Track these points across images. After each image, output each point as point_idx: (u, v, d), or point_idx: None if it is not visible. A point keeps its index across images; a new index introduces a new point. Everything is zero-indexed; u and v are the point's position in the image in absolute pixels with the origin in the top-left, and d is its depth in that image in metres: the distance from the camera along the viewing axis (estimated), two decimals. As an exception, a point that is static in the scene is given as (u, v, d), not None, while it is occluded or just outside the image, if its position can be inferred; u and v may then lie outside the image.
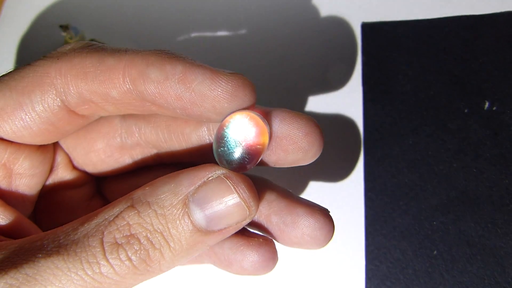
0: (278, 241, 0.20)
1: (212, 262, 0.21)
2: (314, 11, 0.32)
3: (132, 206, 0.16)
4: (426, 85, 0.28)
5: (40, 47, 0.36)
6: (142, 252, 0.16)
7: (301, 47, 0.31)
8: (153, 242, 0.16)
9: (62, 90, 0.18)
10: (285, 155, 0.18)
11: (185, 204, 0.16)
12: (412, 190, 0.26)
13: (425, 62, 0.28)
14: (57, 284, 0.15)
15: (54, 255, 0.15)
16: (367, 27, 0.30)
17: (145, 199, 0.16)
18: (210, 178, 0.16)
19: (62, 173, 0.22)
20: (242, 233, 0.20)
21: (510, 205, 0.25)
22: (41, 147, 0.20)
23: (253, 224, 0.20)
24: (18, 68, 0.18)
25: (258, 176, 0.21)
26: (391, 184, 0.27)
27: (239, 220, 0.17)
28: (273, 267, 0.20)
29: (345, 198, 0.27)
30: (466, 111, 0.27)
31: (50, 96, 0.18)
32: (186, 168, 0.22)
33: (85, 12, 0.36)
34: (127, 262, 0.16)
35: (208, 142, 0.20)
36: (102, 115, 0.20)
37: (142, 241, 0.16)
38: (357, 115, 0.28)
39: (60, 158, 0.21)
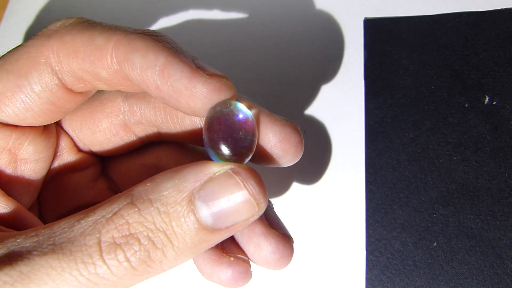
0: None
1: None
2: (317, 6, 0.32)
3: (132, 203, 0.15)
4: (427, 80, 0.28)
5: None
6: (142, 253, 0.15)
7: (305, 41, 0.31)
8: (155, 242, 0.15)
9: (57, 68, 0.18)
10: (259, 157, 0.18)
11: (191, 200, 0.15)
12: (412, 183, 0.27)
13: (426, 57, 0.29)
14: (50, 284, 0.15)
15: (49, 254, 0.15)
16: (369, 23, 0.30)
17: (146, 196, 0.15)
18: (217, 174, 0.16)
19: (67, 157, 0.22)
20: (217, 246, 0.19)
21: (509, 198, 0.25)
22: (44, 132, 0.20)
23: None
24: (11, 51, 0.18)
25: None
26: (392, 177, 0.27)
27: (247, 217, 0.16)
28: (249, 280, 0.19)
29: (346, 190, 0.28)
30: (466, 105, 0.27)
31: (47, 75, 0.18)
32: (187, 146, 0.22)
33: (90, 6, 0.36)
34: (125, 263, 0.15)
35: (199, 127, 0.20)
36: (99, 89, 0.20)
37: (142, 241, 0.15)
38: (359, 109, 0.29)
39: (64, 143, 0.22)
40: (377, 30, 0.30)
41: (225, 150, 0.16)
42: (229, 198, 0.15)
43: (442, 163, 0.27)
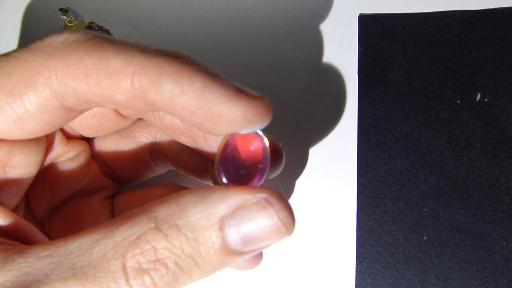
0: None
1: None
2: (313, 1, 0.32)
3: (157, 228, 0.15)
4: (420, 76, 0.29)
5: (39, 30, 0.36)
6: (169, 277, 0.15)
7: (299, 36, 0.31)
8: (182, 266, 0.15)
9: (59, 91, 0.16)
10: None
11: (221, 228, 0.15)
12: (404, 177, 0.27)
13: (420, 53, 0.29)
14: None
15: (71, 279, 0.14)
16: (364, 19, 0.31)
17: (172, 221, 0.15)
18: (249, 202, 0.15)
19: (57, 149, 0.21)
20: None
21: (499, 193, 0.26)
22: (34, 139, 0.19)
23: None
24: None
25: None
26: (383, 171, 0.27)
27: (275, 242, 0.16)
28: (258, 264, 0.20)
29: (338, 183, 0.28)
30: (458, 102, 0.28)
31: (45, 97, 0.16)
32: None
33: (86, -4, 0.36)
34: (152, 287, 0.15)
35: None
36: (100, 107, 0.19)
37: (170, 266, 0.15)
38: (352, 103, 0.29)
39: (53, 136, 0.21)
40: (372, 26, 0.30)
41: (235, 175, 0.16)
42: (260, 225, 0.15)
43: (434, 158, 0.27)
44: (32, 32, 0.36)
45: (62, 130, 0.21)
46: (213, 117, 0.15)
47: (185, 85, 0.15)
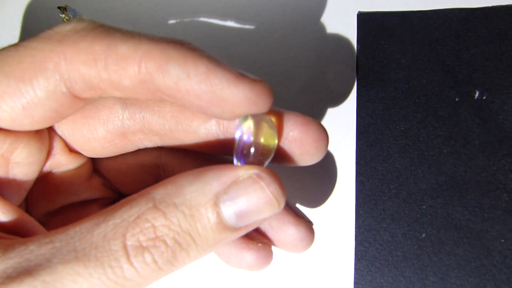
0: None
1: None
2: (312, 0, 0.32)
3: (155, 207, 0.16)
4: (419, 74, 0.29)
5: (38, 29, 0.36)
6: (169, 253, 0.15)
7: (298, 33, 0.31)
8: (181, 243, 0.16)
9: (67, 76, 0.16)
10: (293, 157, 0.19)
11: (216, 203, 0.16)
12: (402, 175, 0.27)
13: (418, 51, 0.29)
14: None
15: (73, 261, 0.15)
16: (363, 16, 0.31)
17: (170, 200, 0.16)
18: (241, 178, 0.16)
19: (59, 158, 0.21)
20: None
21: (497, 190, 0.26)
22: (37, 135, 0.19)
23: None
24: (6, 50, 0.17)
25: None
26: (382, 168, 0.27)
27: (268, 216, 0.17)
28: (268, 265, 0.21)
29: (336, 181, 0.28)
30: (457, 99, 0.28)
31: (55, 82, 0.17)
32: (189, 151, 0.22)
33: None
34: (153, 265, 0.15)
35: (215, 134, 0.20)
36: (105, 96, 0.19)
37: (169, 242, 0.15)
38: (350, 101, 0.29)
39: (56, 143, 0.21)
40: (370, 24, 0.30)
41: (246, 156, 0.17)
42: (252, 199, 0.16)
43: (432, 155, 0.27)
44: (31, 31, 0.36)
45: (65, 142, 0.21)
46: (218, 100, 0.16)
47: (191, 70, 0.16)
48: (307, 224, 0.21)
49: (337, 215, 0.27)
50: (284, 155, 0.19)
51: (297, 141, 0.18)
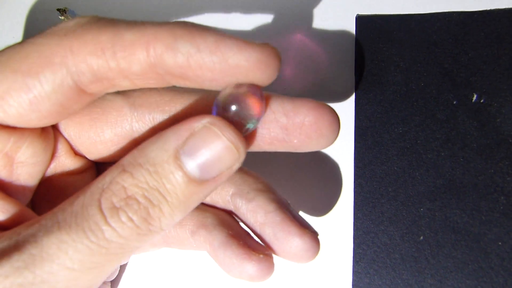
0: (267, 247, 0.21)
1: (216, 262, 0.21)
2: (310, 1, 0.32)
3: (124, 170, 0.16)
4: (417, 77, 0.29)
5: (38, 31, 0.36)
6: (142, 210, 0.16)
7: (296, 36, 0.31)
8: (151, 199, 0.16)
9: (74, 69, 0.17)
10: (309, 141, 0.19)
11: (176, 157, 0.16)
12: (400, 177, 0.27)
13: (416, 54, 0.29)
14: (63, 257, 0.15)
15: (56, 231, 0.15)
16: (361, 19, 0.31)
17: (135, 161, 0.16)
18: (196, 129, 0.16)
19: (63, 160, 0.21)
20: (246, 242, 0.21)
21: (495, 193, 0.26)
22: (42, 134, 0.20)
23: (248, 225, 0.21)
24: (13, 48, 0.17)
25: (262, 179, 0.22)
26: (380, 171, 0.27)
27: (230, 164, 0.17)
28: (269, 277, 0.21)
29: (335, 183, 0.28)
30: (455, 102, 0.28)
31: (62, 76, 0.17)
32: None
33: (84, -3, 0.36)
34: (129, 223, 0.16)
35: None
36: (111, 91, 0.19)
37: (140, 200, 0.16)
38: (349, 103, 0.29)
39: (61, 146, 0.21)
40: (369, 27, 0.30)
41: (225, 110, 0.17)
42: (210, 148, 0.16)
43: (430, 158, 0.27)
44: (30, 33, 0.36)
45: (70, 145, 0.22)
46: (230, 68, 0.16)
47: (200, 43, 0.16)
48: (312, 234, 0.21)
49: (336, 217, 0.27)
50: (301, 140, 0.19)
51: (313, 125, 0.19)
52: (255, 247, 0.21)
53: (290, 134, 0.19)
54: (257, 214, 0.21)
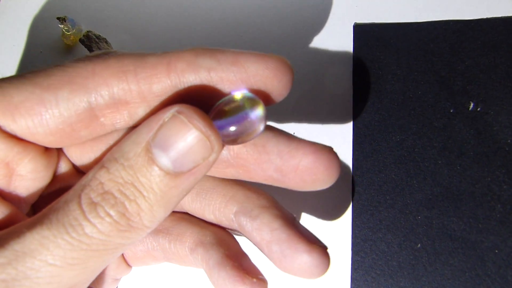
0: (275, 265, 0.21)
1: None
2: (308, 11, 0.32)
3: (102, 166, 0.16)
4: (414, 85, 0.29)
5: (38, 39, 0.36)
6: (118, 205, 0.16)
7: (295, 44, 0.32)
8: (127, 194, 0.16)
9: (93, 90, 0.17)
10: (303, 184, 0.19)
11: (148, 149, 0.16)
12: (398, 185, 0.27)
13: (413, 63, 0.29)
14: (45, 253, 0.15)
15: (38, 226, 0.16)
16: (359, 28, 0.31)
17: (112, 156, 0.16)
18: (166, 119, 0.16)
19: (66, 179, 0.21)
20: (241, 264, 0.20)
21: (491, 201, 0.26)
22: (46, 152, 0.20)
23: (255, 243, 0.21)
24: (41, 68, 0.18)
25: (266, 195, 0.22)
26: (378, 179, 0.28)
27: (204, 155, 0.16)
28: None
29: (333, 191, 0.28)
30: (451, 111, 0.28)
31: (79, 95, 0.17)
32: None
33: (82, 5, 0.37)
34: (107, 218, 0.16)
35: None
36: (121, 126, 0.19)
37: (116, 195, 0.16)
38: (347, 112, 0.29)
39: (64, 165, 0.21)
40: (366, 36, 0.31)
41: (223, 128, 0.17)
42: (180, 138, 0.16)
43: (427, 166, 0.27)
44: (31, 40, 0.36)
45: (72, 164, 0.22)
46: (250, 77, 0.17)
47: (220, 58, 0.17)
48: (321, 249, 0.20)
49: (334, 225, 0.27)
50: (295, 183, 0.19)
51: (308, 169, 0.18)
52: (250, 270, 0.20)
53: (285, 175, 0.19)
54: (263, 232, 0.20)
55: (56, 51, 0.36)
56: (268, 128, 0.19)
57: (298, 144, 0.19)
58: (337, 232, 0.27)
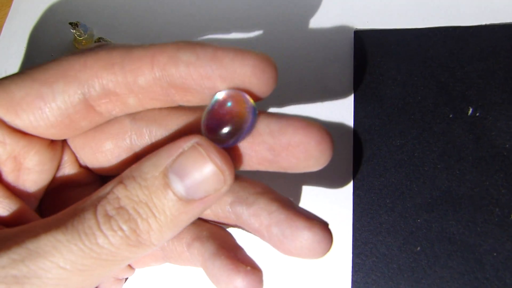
0: (277, 250, 0.20)
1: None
2: (308, 17, 0.33)
3: (121, 182, 0.17)
4: (414, 91, 0.29)
5: (49, 44, 0.37)
6: (131, 222, 0.16)
7: (295, 51, 0.32)
8: (140, 213, 0.17)
9: (85, 82, 0.18)
10: (297, 162, 0.19)
11: (165, 174, 0.17)
12: (398, 189, 0.28)
13: (413, 68, 0.30)
14: (57, 256, 0.16)
15: (54, 229, 0.16)
16: (359, 34, 0.31)
17: (131, 174, 0.17)
18: (185, 148, 0.17)
19: (69, 172, 0.22)
20: (236, 254, 0.20)
21: (490, 205, 0.26)
22: (51, 144, 0.20)
23: (254, 231, 0.21)
24: (40, 64, 0.19)
25: (260, 183, 0.21)
26: (378, 183, 0.28)
27: (216, 187, 0.17)
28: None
29: (334, 195, 0.28)
30: (451, 116, 0.29)
31: (73, 87, 0.18)
32: None
33: (95, 10, 0.37)
34: (119, 232, 0.16)
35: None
36: (117, 114, 0.20)
37: (130, 212, 0.17)
38: (348, 117, 0.30)
39: (67, 157, 0.22)
40: (367, 42, 0.31)
41: (209, 133, 0.18)
42: (196, 169, 0.17)
43: (427, 170, 0.28)
44: (42, 44, 0.37)
45: (75, 156, 0.22)
46: (228, 74, 0.17)
47: (199, 52, 0.17)
48: (322, 225, 0.19)
49: (335, 228, 0.28)
50: (289, 161, 0.19)
51: (300, 145, 0.18)
52: (244, 260, 0.20)
53: (278, 155, 0.19)
54: (261, 217, 0.20)
55: (63, 56, 0.36)
56: (259, 112, 0.19)
57: (288, 121, 0.19)
58: (339, 235, 0.28)
